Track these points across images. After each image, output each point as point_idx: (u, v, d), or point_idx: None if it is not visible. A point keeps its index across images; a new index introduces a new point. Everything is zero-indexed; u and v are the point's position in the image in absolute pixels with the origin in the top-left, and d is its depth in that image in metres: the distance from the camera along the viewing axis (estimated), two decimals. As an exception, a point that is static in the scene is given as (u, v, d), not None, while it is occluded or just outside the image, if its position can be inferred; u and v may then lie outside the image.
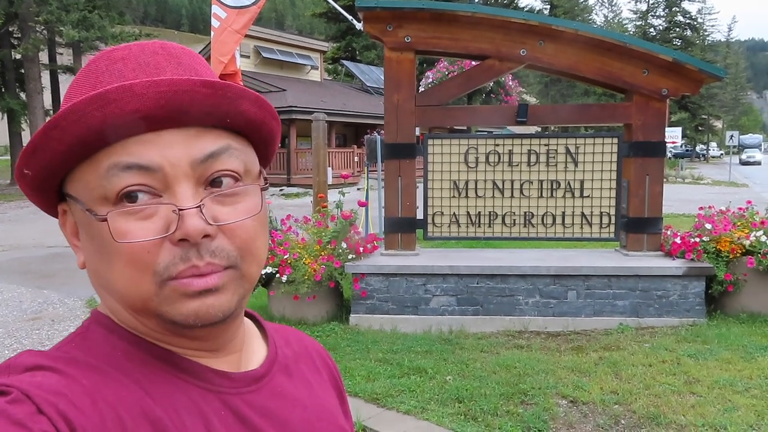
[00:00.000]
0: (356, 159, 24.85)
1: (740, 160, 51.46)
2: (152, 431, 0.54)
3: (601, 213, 5.86)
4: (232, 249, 0.59)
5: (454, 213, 5.95)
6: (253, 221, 0.60)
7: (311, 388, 0.73)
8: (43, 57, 25.70)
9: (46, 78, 26.19)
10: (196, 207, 0.56)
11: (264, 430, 0.63)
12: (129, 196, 0.56)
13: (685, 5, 49.74)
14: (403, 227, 5.94)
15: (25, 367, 0.54)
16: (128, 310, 0.60)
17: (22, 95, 25.37)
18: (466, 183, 5.91)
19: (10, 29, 24.93)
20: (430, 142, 5.91)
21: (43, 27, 24.02)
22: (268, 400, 0.66)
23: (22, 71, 24.77)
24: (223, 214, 0.58)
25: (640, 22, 50.71)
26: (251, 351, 0.70)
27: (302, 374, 0.74)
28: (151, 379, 0.58)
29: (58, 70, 26.95)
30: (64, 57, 28.39)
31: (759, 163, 50.07)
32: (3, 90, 25.65)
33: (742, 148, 56.54)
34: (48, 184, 0.60)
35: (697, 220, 5.92)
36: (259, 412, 0.63)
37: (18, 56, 24.87)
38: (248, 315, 0.74)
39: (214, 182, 0.59)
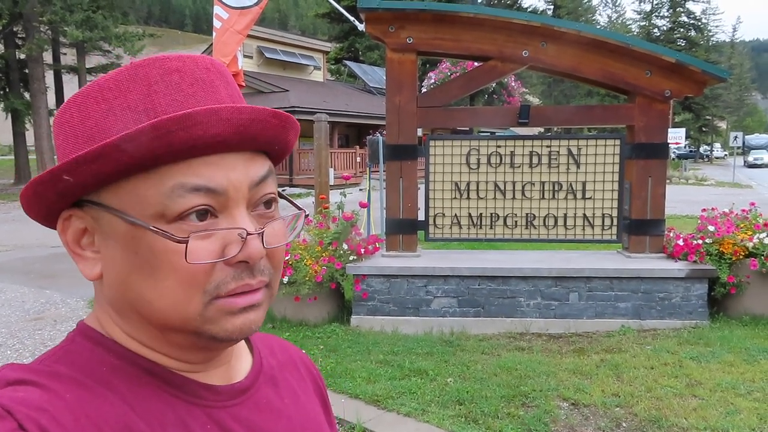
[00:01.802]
0: (359, 160, 24.85)
1: (746, 162, 47.72)
2: None
3: (603, 215, 5.84)
4: (271, 268, 0.61)
5: (455, 214, 5.94)
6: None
7: (297, 397, 0.73)
8: (47, 57, 25.77)
9: (50, 78, 26.28)
10: (259, 233, 0.58)
11: None
12: (198, 214, 0.56)
13: (690, 6, 49.74)
14: (405, 228, 5.93)
15: (7, 382, 0.54)
16: (156, 328, 0.59)
17: (26, 95, 25.43)
18: (468, 184, 5.89)
19: (14, 29, 25.00)
20: (431, 143, 5.90)
21: (47, 27, 24.10)
22: (254, 412, 0.65)
23: (26, 71, 24.84)
24: (271, 238, 0.60)
25: (644, 23, 50.65)
26: (237, 362, 0.70)
27: (288, 384, 0.73)
28: (137, 393, 0.58)
29: (62, 70, 27.04)
30: (68, 57, 28.46)
31: (767, 166, 45.49)
32: (7, 90, 25.72)
33: (748, 149, 52.09)
34: (82, 191, 0.57)
35: (699, 221, 5.90)
36: (244, 425, 0.63)
37: (22, 56, 24.95)
38: None
39: (265, 204, 0.61)
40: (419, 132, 6.03)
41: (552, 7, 46.14)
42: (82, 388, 0.55)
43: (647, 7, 50.33)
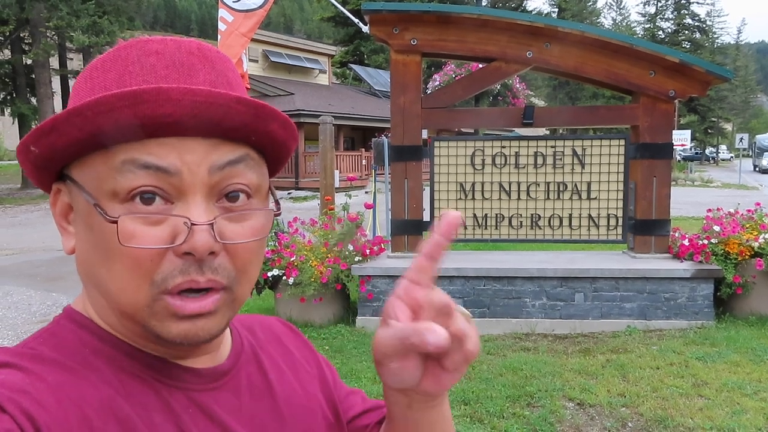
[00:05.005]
0: (364, 162, 24.87)
1: (756, 166, 41.07)
2: (120, 430, 0.54)
3: (609, 215, 5.83)
4: (231, 269, 0.58)
5: (460, 215, 5.93)
6: (256, 243, 0.60)
7: (282, 373, 0.72)
8: (54, 62, 25.93)
9: (56, 83, 26.42)
10: (209, 224, 0.55)
11: (231, 425, 0.62)
12: (142, 198, 0.54)
13: (694, 8, 49.35)
14: (410, 229, 5.94)
15: None
16: (114, 311, 0.59)
17: (33, 100, 25.59)
18: (473, 185, 5.90)
19: (21, 35, 25.16)
20: (436, 144, 5.91)
21: (53, 32, 24.23)
22: (236, 393, 0.65)
23: (33, 76, 24.99)
24: (230, 232, 0.57)
25: (648, 25, 50.50)
26: (219, 345, 0.69)
27: (272, 361, 0.73)
28: (120, 376, 0.58)
29: (69, 75, 27.17)
30: (74, 62, 28.64)
31: None
32: (14, 95, 25.89)
33: (760, 150, 44.06)
34: (51, 164, 0.58)
35: (705, 222, 5.89)
36: (226, 407, 0.63)
37: (29, 61, 25.11)
38: None
39: (228, 196, 0.58)
40: (424, 133, 6.04)
41: (557, 9, 46.11)
42: (65, 371, 0.55)
43: (651, 10, 50.23)
